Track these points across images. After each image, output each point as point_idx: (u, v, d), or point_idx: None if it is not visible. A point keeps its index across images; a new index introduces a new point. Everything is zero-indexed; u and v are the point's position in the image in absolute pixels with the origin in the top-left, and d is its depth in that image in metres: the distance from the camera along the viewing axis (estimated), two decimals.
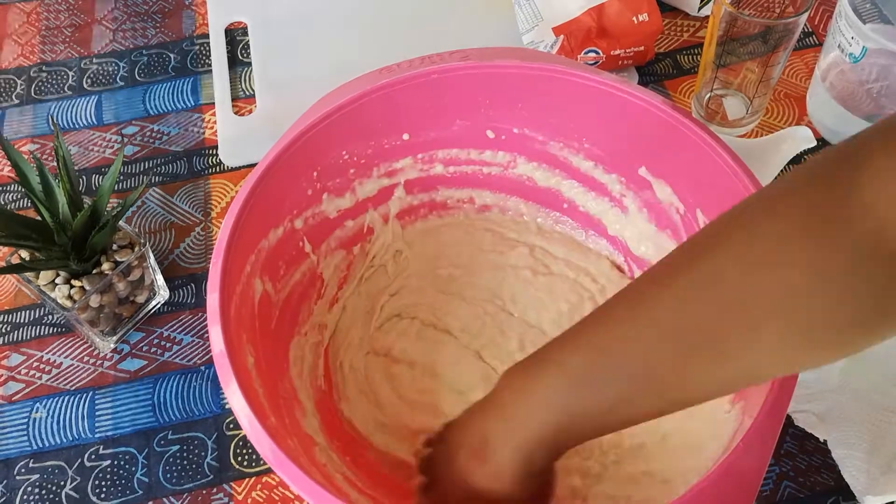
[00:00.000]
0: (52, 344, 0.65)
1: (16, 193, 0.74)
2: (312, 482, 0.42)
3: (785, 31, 0.65)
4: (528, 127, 0.61)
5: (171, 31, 0.85)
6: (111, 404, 0.62)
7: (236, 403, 0.45)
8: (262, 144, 0.60)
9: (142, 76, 0.81)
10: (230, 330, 0.48)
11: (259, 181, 0.53)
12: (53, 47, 0.84)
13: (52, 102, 0.80)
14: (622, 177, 0.61)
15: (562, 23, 0.74)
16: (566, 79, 0.57)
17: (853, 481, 0.54)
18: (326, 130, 0.56)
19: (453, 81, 0.58)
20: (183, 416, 0.61)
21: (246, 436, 0.45)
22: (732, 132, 0.74)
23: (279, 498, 0.58)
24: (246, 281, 0.52)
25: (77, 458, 0.60)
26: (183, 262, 0.69)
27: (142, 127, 0.78)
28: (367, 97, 0.56)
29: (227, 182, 0.73)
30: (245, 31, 0.84)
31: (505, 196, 0.66)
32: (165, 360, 0.64)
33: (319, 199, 0.59)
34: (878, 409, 0.57)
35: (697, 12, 0.82)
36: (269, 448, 0.43)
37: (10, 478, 0.59)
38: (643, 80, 0.78)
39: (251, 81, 0.80)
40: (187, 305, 0.67)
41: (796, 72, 0.79)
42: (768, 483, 0.57)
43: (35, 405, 0.62)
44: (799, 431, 0.58)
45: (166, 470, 0.59)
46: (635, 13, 0.74)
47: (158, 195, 0.73)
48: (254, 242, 0.54)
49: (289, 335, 0.58)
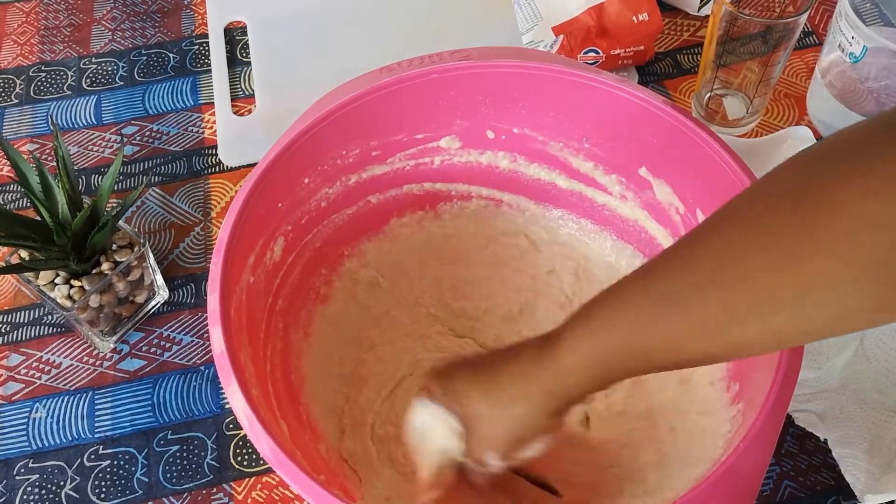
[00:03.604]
0: (51, 344, 0.65)
1: (15, 193, 0.74)
2: (312, 482, 0.41)
3: (785, 30, 0.65)
4: (528, 127, 0.61)
5: (171, 31, 0.85)
6: (111, 404, 0.62)
7: (236, 403, 0.45)
8: (261, 144, 0.60)
9: (141, 76, 0.81)
10: (230, 330, 0.48)
11: (259, 181, 0.53)
12: (52, 47, 0.84)
13: (52, 102, 0.80)
14: (622, 177, 0.61)
15: (561, 22, 0.74)
16: (566, 78, 0.57)
17: (853, 480, 0.54)
18: (326, 130, 0.56)
19: (453, 81, 0.58)
20: (183, 416, 0.61)
21: (246, 436, 0.45)
22: (732, 132, 0.74)
23: (279, 498, 0.58)
24: (246, 281, 0.52)
25: (77, 458, 0.60)
26: (182, 261, 0.69)
27: (141, 127, 0.78)
28: (367, 97, 0.56)
29: (227, 182, 0.73)
30: (244, 31, 0.83)
31: (506, 195, 0.66)
32: (165, 360, 0.64)
33: (319, 199, 0.59)
34: (878, 408, 0.57)
35: (697, 12, 0.82)
36: (268, 448, 0.43)
37: (9, 478, 0.59)
38: (643, 80, 0.78)
39: (250, 81, 0.80)
40: (187, 305, 0.67)
41: (796, 71, 0.79)
42: (769, 482, 0.57)
43: (35, 405, 0.62)
44: (799, 431, 0.58)
45: (166, 470, 0.59)
46: (635, 12, 0.74)
47: (158, 195, 0.73)
48: (254, 242, 0.54)
49: (289, 335, 0.58)
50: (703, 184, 0.54)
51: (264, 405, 0.48)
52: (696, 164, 0.53)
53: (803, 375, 0.57)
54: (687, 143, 0.54)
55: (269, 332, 0.56)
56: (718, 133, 0.55)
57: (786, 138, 0.67)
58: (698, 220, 0.56)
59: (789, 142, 0.67)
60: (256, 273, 0.54)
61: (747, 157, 0.53)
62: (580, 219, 0.65)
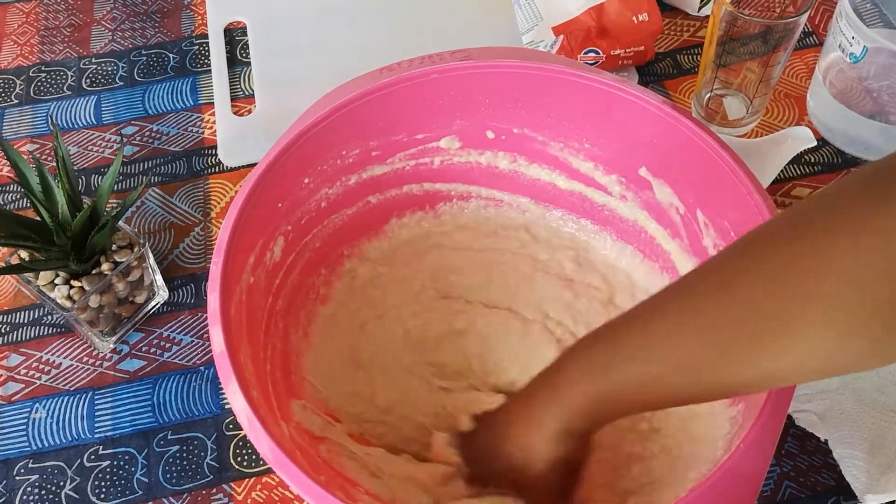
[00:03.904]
0: (51, 344, 0.65)
1: (15, 194, 0.74)
2: (312, 482, 0.41)
3: (785, 30, 0.65)
4: (528, 127, 0.61)
5: (171, 31, 0.85)
6: (111, 404, 0.62)
7: (236, 403, 0.45)
8: (261, 144, 0.60)
9: (141, 76, 0.81)
10: (230, 330, 0.48)
11: (259, 181, 0.53)
12: (52, 47, 0.84)
13: (52, 102, 0.80)
14: (622, 177, 0.61)
15: (561, 22, 0.74)
16: (566, 79, 0.57)
17: (854, 481, 0.54)
18: (326, 130, 0.56)
19: (453, 81, 0.58)
20: (182, 416, 0.61)
21: (246, 436, 0.45)
22: (732, 132, 0.74)
23: (279, 498, 0.58)
24: (246, 281, 0.52)
25: (76, 459, 0.60)
26: (182, 262, 0.69)
27: (141, 127, 0.77)
28: (367, 97, 0.56)
29: (227, 182, 0.73)
30: (244, 31, 0.83)
31: (505, 195, 0.66)
32: (165, 360, 0.64)
33: (319, 199, 0.59)
34: (878, 408, 0.57)
35: (697, 12, 0.82)
36: (268, 448, 0.43)
37: (9, 478, 0.59)
38: (643, 80, 0.78)
39: (250, 81, 0.80)
40: (187, 305, 0.67)
41: (796, 72, 0.78)
42: (769, 483, 0.57)
43: (34, 405, 0.62)
44: (800, 431, 0.58)
45: (166, 470, 0.59)
46: (635, 13, 0.74)
47: (158, 195, 0.73)
48: (254, 242, 0.54)
49: (289, 335, 0.58)
50: (703, 184, 0.54)
51: (264, 405, 0.48)
52: (696, 164, 0.53)
53: None
54: (687, 143, 0.53)
55: (269, 332, 0.56)
56: (718, 133, 0.55)
57: (786, 138, 0.67)
58: (698, 220, 0.56)
59: (789, 142, 0.67)
60: (256, 273, 0.54)
61: (747, 157, 0.53)
62: (580, 219, 0.65)
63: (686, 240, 0.58)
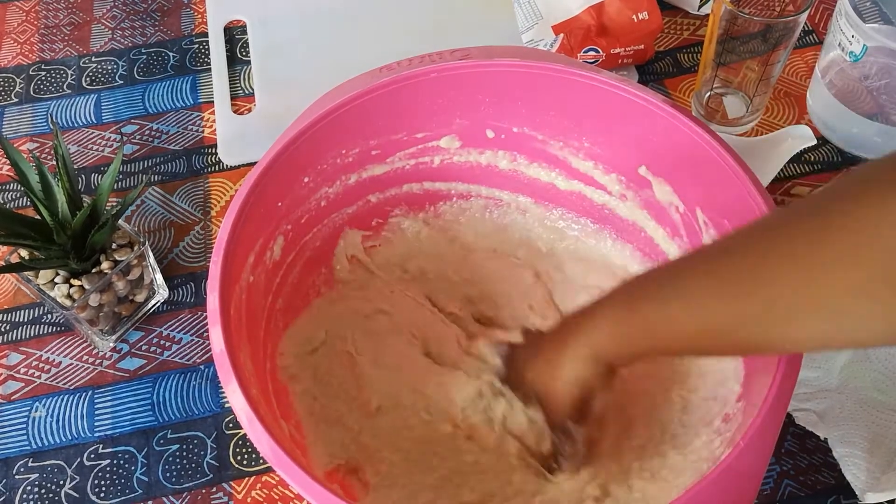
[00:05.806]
0: (51, 343, 0.65)
1: (15, 192, 0.74)
2: (312, 481, 0.41)
3: (785, 29, 0.65)
4: (528, 126, 0.61)
5: (170, 30, 0.85)
6: (110, 403, 0.62)
7: (236, 403, 0.45)
8: (261, 143, 0.60)
9: (141, 75, 0.81)
10: (230, 329, 0.48)
11: (259, 180, 0.53)
12: (52, 46, 0.84)
13: (51, 101, 0.80)
14: (622, 176, 0.61)
15: (561, 21, 0.74)
16: (566, 77, 0.57)
17: (854, 479, 0.54)
18: (326, 129, 0.56)
19: (453, 80, 0.58)
20: (182, 415, 0.61)
21: (245, 435, 0.45)
22: (732, 130, 0.74)
23: (279, 497, 0.58)
24: (246, 280, 0.52)
25: (76, 458, 0.60)
26: (182, 260, 0.69)
27: (141, 125, 0.77)
28: (366, 96, 0.56)
29: (227, 181, 0.73)
30: (244, 30, 0.83)
31: (505, 194, 0.66)
32: (165, 359, 0.64)
33: (319, 198, 0.59)
34: (878, 407, 0.57)
35: (697, 10, 0.82)
36: (268, 447, 0.43)
37: (9, 477, 0.59)
38: (643, 79, 0.78)
39: (250, 80, 0.80)
40: (187, 304, 0.67)
41: (796, 70, 0.78)
42: (769, 482, 0.57)
43: (34, 404, 0.62)
44: (799, 430, 0.58)
45: (166, 469, 0.59)
46: (635, 11, 0.74)
47: (158, 194, 0.73)
48: (254, 241, 0.54)
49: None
50: (702, 183, 0.54)
51: (264, 405, 0.48)
52: (696, 162, 0.53)
53: (803, 374, 0.57)
54: (686, 142, 0.53)
55: (269, 331, 0.56)
56: (718, 132, 0.55)
57: (786, 137, 0.67)
58: (698, 219, 0.56)
59: (789, 140, 0.67)
60: (256, 272, 0.54)
61: (747, 155, 0.53)
62: (580, 218, 0.65)
63: (686, 238, 0.58)
